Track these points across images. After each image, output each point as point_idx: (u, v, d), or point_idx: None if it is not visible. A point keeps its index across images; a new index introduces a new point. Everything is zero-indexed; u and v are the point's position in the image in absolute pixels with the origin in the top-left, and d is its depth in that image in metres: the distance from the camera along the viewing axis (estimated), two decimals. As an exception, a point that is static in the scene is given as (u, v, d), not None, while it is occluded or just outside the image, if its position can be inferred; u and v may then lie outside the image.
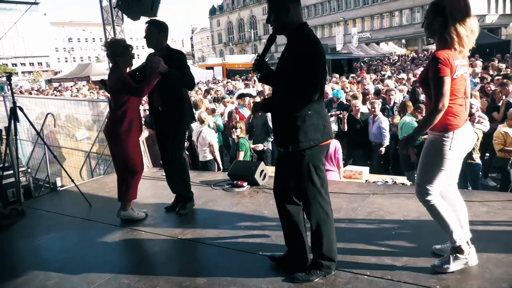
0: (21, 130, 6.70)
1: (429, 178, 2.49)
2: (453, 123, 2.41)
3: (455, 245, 2.51)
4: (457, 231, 2.49)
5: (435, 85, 2.35)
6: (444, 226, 2.51)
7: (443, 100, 2.33)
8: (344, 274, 2.71)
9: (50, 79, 32.07)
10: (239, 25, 69.84)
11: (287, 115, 2.51)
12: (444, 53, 2.34)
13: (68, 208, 4.68)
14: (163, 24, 3.83)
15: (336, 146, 5.18)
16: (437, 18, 2.39)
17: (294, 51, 2.50)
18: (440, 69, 2.31)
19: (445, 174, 2.48)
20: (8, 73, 5.00)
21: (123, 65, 3.83)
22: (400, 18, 46.41)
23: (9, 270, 3.27)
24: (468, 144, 2.52)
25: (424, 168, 2.54)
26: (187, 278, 2.85)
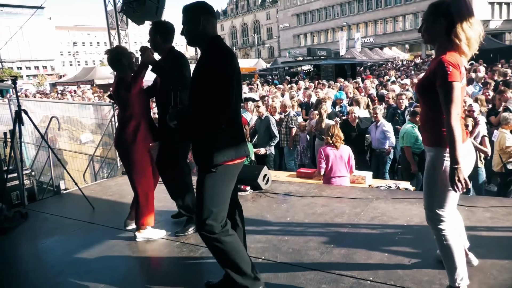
0: (25, 133, 6.75)
1: (438, 202, 2.23)
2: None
3: (454, 286, 2.26)
4: (461, 271, 2.24)
5: (446, 92, 2.08)
6: (449, 261, 2.26)
7: (457, 108, 2.07)
8: (347, 279, 2.70)
9: (55, 82, 32.23)
10: (242, 29, 70.11)
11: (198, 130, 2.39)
12: (452, 57, 2.11)
13: (72, 211, 4.69)
14: (159, 25, 3.63)
15: (349, 153, 5.18)
16: (439, 20, 2.16)
17: (205, 64, 2.39)
18: (451, 74, 2.06)
19: (454, 194, 2.22)
20: (13, 76, 5.03)
21: (124, 72, 3.64)
22: (403, 23, 46.46)
23: (13, 273, 3.28)
24: (471, 159, 2.30)
25: (430, 191, 2.28)
26: (189, 283, 2.85)
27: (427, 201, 2.31)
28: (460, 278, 2.24)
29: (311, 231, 3.56)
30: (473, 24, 2.14)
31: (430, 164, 2.27)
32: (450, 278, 2.29)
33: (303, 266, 2.93)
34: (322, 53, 28.64)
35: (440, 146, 2.19)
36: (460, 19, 2.12)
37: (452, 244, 2.23)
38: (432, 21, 2.20)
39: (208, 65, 2.35)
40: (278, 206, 4.33)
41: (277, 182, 5.23)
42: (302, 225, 3.75)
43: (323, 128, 6.68)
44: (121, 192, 5.33)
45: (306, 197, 4.53)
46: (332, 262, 2.96)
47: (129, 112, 3.57)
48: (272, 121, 6.84)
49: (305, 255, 3.10)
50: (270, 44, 65.06)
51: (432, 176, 2.25)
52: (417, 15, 44.63)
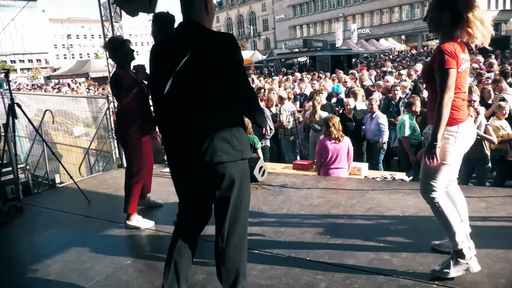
0: (19, 127, 6.71)
1: (433, 174, 2.42)
2: (457, 117, 2.38)
3: (457, 248, 2.43)
4: (460, 234, 2.42)
5: (441, 77, 2.31)
6: (447, 226, 2.44)
7: (449, 93, 2.29)
8: (342, 269, 2.71)
9: (49, 76, 32.00)
10: (238, 21, 69.66)
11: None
12: (450, 46, 2.31)
13: (67, 204, 4.68)
14: (157, 16, 3.61)
15: (349, 145, 5.17)
16: (445, 13, 2.35)
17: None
18: (447, 61, 2.28)
19: (449, 169, 2.43)
20: (5, 69, 4.97)
21: (124, 60, 3.79)
22: (399, 14, 46.32)
23: (8, 267, 3.27)
24: (471, 139, 2.49)
25: (427, 164, 2.45)
26: (185, 274, 2.85)
27: (423, 173, 2.49)
28: (461, 240, 2.41)
29: (307, 223, 3.57)
30: (480, 14, 2.32)
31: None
32: (452, 243, 2.45)
33: (299, 257, 2.94)
34: (318, 45, 28.53)
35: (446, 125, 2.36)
36: (468, 10, 2.29)
37: (445, 210, 2.42)
38: (438, 14, 2.39)
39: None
40: (274, 198, 4.33)
41: (273, 174, 5.23)
42: (298, 216, 3.76)
43: (317, 119, 6.67)
44: (117, 185, 5.32)
45: (302, 188, 4.53)
46: (328, 252, 2.97)
47: (123, 106, 3.71)
48: (267, 113, 6.81)
49: (301, 246, 3.11)
50: (266, 36, 64.73)
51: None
52: (413, 5, 44.52)
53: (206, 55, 2.03)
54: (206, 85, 2.05)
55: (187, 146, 2.12)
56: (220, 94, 2.07)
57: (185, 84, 2.07)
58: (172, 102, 2.12)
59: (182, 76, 2.07)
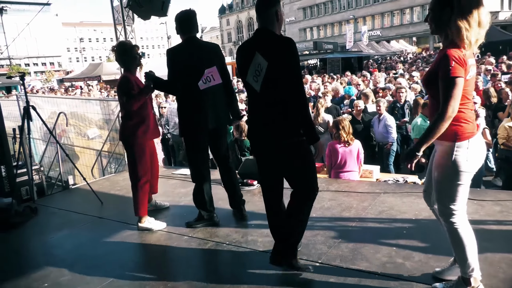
0: (34, 129, 6.79)
1: (450, 197, 2.19)
2: (468, 131, 2.12)
3: (465, 276, 2.25)
4: (472, 262, 2.22)
5: (446, 87, 2.04)
6: (460, 252, 2.24)
7: (454, 104, 2.03)
8: (355, 273, 2.70)
9: (62, 78, 32.41)
10: (248, 24, 69.83)
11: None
12: (458, 51, 2.05)
13: (80, 206, 4.73)
14: (177, 15, 3.62)
15: (359, 148, 5.15)
16: (446, 10, 2.07)
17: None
18: (454, 69, 2.01)
19: (465, 188, 2.18)
20: (21, 73, 5.06)
21: (131, 65, 3.84)
22: (411, 16, 45.93)
23: (22, 267, 3.32)
24: (482, 153, 2.23)
25: (440, 186, 2.23)
26: (197, 276, 2.86)
27: (438, 195, 2.28)
28: (471, 269, 2.22)
29: (319, 225, 3.56)
30: (481, 14, 2.05)
31: (440, 158, 2.23)
32: (461, 269, 2.27)
33: (311, 259, 2.93)
34: (329, 47, 28.49)
35: (451, 140, 2.14)
36: (467, 9, 2.03)
37: (463, 237, 2.20)
38: (439, 10, 2.12)
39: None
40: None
41: (284, 177, 5.22)
42: (309, 219, 3.72)
43: (320, 122, 6.66)
44: (129, 187, 5.30)
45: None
46: (340, 255, 2.96)
47: (130, 110, 3.73)
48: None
49: (312, 248, 3.10)
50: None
51: (443, 170, 2.21)
52: (424, 7, 44.01)
53: (273, 56, 2.52)
54: (278, 80, 2.52)
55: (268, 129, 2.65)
56: (283, 88, 2.52)
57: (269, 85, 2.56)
58: (258, 97, 2.64)
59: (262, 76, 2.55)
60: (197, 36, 3.64)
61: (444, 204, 2.23)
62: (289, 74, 2.50)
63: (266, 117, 2.63)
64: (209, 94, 3.48)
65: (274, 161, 2.71)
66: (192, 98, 3.52)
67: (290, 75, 2.50)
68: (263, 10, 2.64)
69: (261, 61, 2.54)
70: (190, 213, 4.07)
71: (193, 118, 3.55)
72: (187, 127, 3.61)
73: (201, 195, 3.70)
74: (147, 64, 19.60)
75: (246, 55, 2.66)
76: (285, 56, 2.51)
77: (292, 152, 2.62)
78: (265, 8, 2.63)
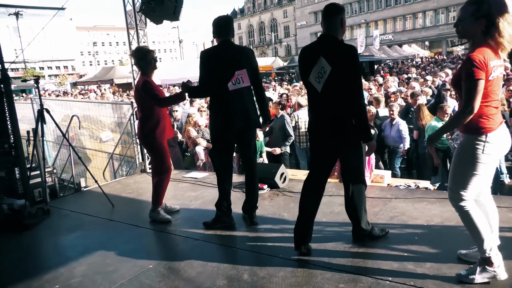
0: (47, 132, 6.89)
1: (462, 182, 2.40)
2: (487, 125, 2.33)
3: (485, 256, 2.40)
4: (488, 242, 2.39)
5: (467, 88, 2.28)
6: (475, 234, 2.41)
7: (473, 104, 2.26)
8: (365, 279, 2.67)
9: (75, 82, 32.88)
10: (259, 28, 70.10)
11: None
12: (479, 55, 2.26)
13: (92, 208, 4.78)
14: (213, 21, 3.71)
15: None
16: (480, 20, 2.29)
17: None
18: (474, 72, 2.24)
19: (479, 178, 2.39)
20: (36, 76, 5.14)
21: (148, 68, 4.04)
22: (423, 20, 45.64)
23: (35, 268, 3.36)
24: (503, 147, 2.43)
25: (456, 172, 2.45)
26: (207, 280, 2.87)
27: (451, 181, 2.47)
28: (490, 248, 2.38)
29: (329, 230, 3.53)
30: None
31: (461, 149, 2.45)
32: (480, 250, 2.43)
33: (321, 265, 2.91)
34: (340, 51, 28.27)
35: (471, 133, 2.37)
36: (502, 18, 2.25)
37: (475, 219, 2.38)
38: (473, 21, 2.32)
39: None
40: (296, 204, 4.26)
41: (295, 181, 5.21)
42: (320, 224, 3.72)
43: None
44: (140, 189, 5.40)
45: (323, 196, 4.47)
46: (351, 261, 2.93)
47: (149, 112, 3.98)
48: (288, 120, 6.79)
49: (323, 254, 3.08)
50: (287, 42, 64.86)
51: (461, 159, 2.43)
52: (437, 11, 43.80)
53: (337, 62, 2.80)
54: (339, 83, 2.81)
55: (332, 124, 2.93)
56: (343, 90, 2.83)
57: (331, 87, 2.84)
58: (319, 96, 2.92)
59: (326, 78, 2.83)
60: (231, 40, 3.73)
61: (454, 189, 2.43)
62: (350, 79, 2.81)
63: (325, 115, 2.94)
64: (238, 96, 3.59)
65: (328, 154, 3.05)
66: (222, 99, 3.62)
67: (351, 79, 2.81)
68: (329, 17, 2.90)
69: (325, 65, 2.80)
70: (200, 217, 4.08)
71: (220, 117, 3.66)
72: (214, 127, 3.74)
73: (220, 195, 3.79)
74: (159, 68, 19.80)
75: (309, 58, 2.92)
76: (348, 63, 2.81)
77: (346, 146, 2.98)
78: (332, 15, 2.89)
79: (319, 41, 2.98)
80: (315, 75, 2.85)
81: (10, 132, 5.03)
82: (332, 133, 2.94)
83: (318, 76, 2.84)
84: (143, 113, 4.03)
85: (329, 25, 2.91)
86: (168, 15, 5.56)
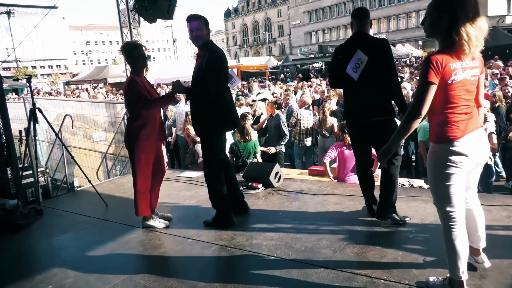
0: (40, 131, 6.83)
1: (443, 197, 2.26)
2: (451, 134, 2.18)
3: (455, 278, 2.27)
4: (462, 264, 2.25)
5: (418, 89, 2.22)
6: (451, 254, 2.27)
7: (420, 106, 2.18)
8: (360, 278, 2.67)
9: (68, 81, 32.66)
10: (254, 27, 70.03)
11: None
12: (439, 56, 2.14)
13: (85, 208, 4.75)
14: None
15: None
16: (444, 16, 2.13)
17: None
18: (426, 73, 2.14)
19: (457, 188, 2.23)
20: (28, 75, 5.09)
21: (136, 66, 3.77)
22: (417, 19, 45.83)
23: (27, 268, 3.33)
24: (475, 155, 2.23)
25: (434, 187, 2.32)
26: (201, 279, 2.85)
27: (434, 196, 2.36)
28: (461, 271, 2.26)
29: (324, 229, 3.54)
30: (477, 21, 2.10)
31: (429, 158, 2.32)
32: (450, 270, 2.31)
33: (316, 264, 2.91)
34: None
35: (435, 141, 2.27)
36: (463, 16, 2.09)
37: (456, 240, 2.25)
38: (437, 16, 2.18)
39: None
40: (290, 204, 4.31)
41: (289, 180, 5.21)
42: (314, 223, 3.73)
43: (327, 126, 6.64)
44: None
45: (318, 195, 4.50)
46: (345, 260, 2.94)
47: (136, 112, 3.71)
48: (283, 119, 6.79)
49: (317, 253, 3.08)
50: (281, 42, 64.86)
51: (430, 170, 2.32)
52: (430, 11, 43.94)
53: (372, 52, 3.26)
54: (375, 70, 3.26)
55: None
56: (382, 75, 3.28)
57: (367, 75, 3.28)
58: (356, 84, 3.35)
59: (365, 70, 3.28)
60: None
61: (440, 206, 2.30)
62: (386, 66, 3.28)
63: (362, 99, 3.37)
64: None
65: (367, 134, 3.44)
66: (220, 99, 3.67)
67: (386, 67, 3.28)
68: (363, 19, 3.43)
69: (362, 56, 3.24)
70: (194, 216, 4.08)
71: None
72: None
73: (214, 195, 3.77)
74: (153, 67, 19.72)
75: (346, 53, 3.37)
76: (383, 52, 3.29)
77: (382, 127, 3.33)
78: (365, 17, 3.43)
79: (354, 38, 3.40)
80: (352, 66, 3.27)
81: (2, 131, 4.98)
82: (369, 115, 3.34)
83: (355, 67, 3.25)
84: (129, 113, 3.84)
85: (362, 25, 3.41)
86: (162, 13, 5.54)
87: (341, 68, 3.38)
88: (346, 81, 3.41)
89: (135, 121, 3.72)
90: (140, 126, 3.69)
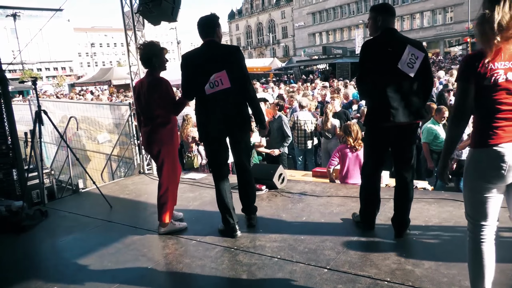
0: (45, 133, 6.88)
1: (467, 208, 2.10)
2: (478, 139, 1.99)
3: None
4: (482, 280, 2.09)
5: (456, 90, 2.08)
6: (470, 268, 2.14)
7: (455, 108, 2.03)
8: (364, 279, 2.67)
9: (73, 83, 32.81)
10: (257, 29, 70.09)
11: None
12: (474, 54, 1.97)
13: (90, 209, 4.77)
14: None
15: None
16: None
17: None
18: (459, 73, 2.01)
19: (477, 203, 2.03)
20: (33, 77, 5.13)
21: (161, 67, 3.73)
22: (421, 20, 45.75)
23: (32, 269, 3.35)
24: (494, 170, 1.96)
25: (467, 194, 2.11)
26: (205, 281, 2.87)
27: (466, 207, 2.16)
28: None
29: (327, 231, 3.54)
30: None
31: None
32: (471, 284, 2.18)
33: (319, 265, 2.91)
34: (338, 52, 28.47)
35: (470, 146, 2.10)
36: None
37: (473, 257, 2.10)
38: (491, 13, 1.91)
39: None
40: (294, 205, 4.31)
41: (293, 181, 5.21)
42: (318, 224, 3.73)
43: (329, 127, 6.64)
44: (138, 191, 5.40)
45: (322, 196, 4.50)
46: (349, 261, 2.93)
47: (167, 115, 3.68)
48: (285, 121, 6.79)
49: (321, 254, 3.08)
50: (285, 43, 64.89)
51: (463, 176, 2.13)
52: (435, 11, 43.91)
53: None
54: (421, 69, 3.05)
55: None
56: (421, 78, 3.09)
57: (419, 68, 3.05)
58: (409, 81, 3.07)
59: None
60: (215, 40, 3.49)
61: (469, 219, 2.13)
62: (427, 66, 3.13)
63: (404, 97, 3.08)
64: (217, 99, 3.33)
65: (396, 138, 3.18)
66: (200, 104, 3.49)
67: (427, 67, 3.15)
68: (392, 14, 3.25)
69: (416, 52, 3.02)
70: (198, 218, 4.09)
71: (198, 124, 3.55)
72: (199, 133, 3.61)
73: (218, 201, 3.65)
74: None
75: (392, 47, 3.08)
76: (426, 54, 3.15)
77: (414, 129, 3.28)
78: (394, 13, 3.28)
79: (392, 33, 3.15)
80: (406, 61, 3.01)
81: (8, 133, 5.02)
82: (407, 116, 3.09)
83: (410, 62, 3.03)
84: (157, 116, 3.62)
85: (392, 22, 3.21)
86: (166, 16, 5.56)
87: (385, 64, 3.05)
88: (394, 78, 3.04)
89: (167, 124, 3.66)
90: (170, 130, 3.69)
